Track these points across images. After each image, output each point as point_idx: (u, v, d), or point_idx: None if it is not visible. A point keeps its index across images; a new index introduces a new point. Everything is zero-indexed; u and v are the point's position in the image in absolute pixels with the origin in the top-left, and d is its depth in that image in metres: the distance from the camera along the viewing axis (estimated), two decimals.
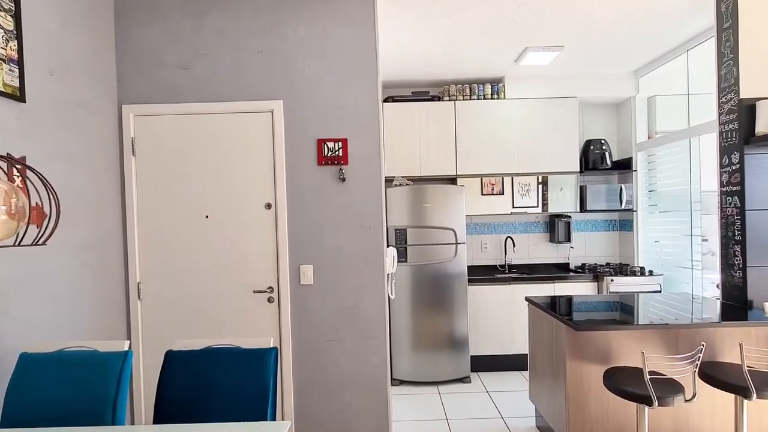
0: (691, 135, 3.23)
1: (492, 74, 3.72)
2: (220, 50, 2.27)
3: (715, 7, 2.52)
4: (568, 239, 3.92)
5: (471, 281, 3.51)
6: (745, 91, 2.35)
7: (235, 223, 2.26)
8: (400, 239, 3.34)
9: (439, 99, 3.79)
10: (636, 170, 3.82)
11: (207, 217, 2.26)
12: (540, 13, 2.70)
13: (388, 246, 3.10)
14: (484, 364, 3.58)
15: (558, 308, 2.37)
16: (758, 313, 2.18)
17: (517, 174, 3.74)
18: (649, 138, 3.78)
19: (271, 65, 2.27)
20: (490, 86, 3.76)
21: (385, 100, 3.78)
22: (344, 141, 2.23)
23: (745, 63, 2.35)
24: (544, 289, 3.53)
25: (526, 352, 2.85)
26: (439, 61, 3.34)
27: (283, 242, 2.24)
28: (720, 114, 2.50)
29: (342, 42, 2.27)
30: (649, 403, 1.75)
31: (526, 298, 2.64)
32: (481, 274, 3.72)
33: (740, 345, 1.85)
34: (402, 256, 3.32)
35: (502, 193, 3.82)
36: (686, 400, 1.82)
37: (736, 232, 2.38)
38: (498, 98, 3.75)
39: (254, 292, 2.26)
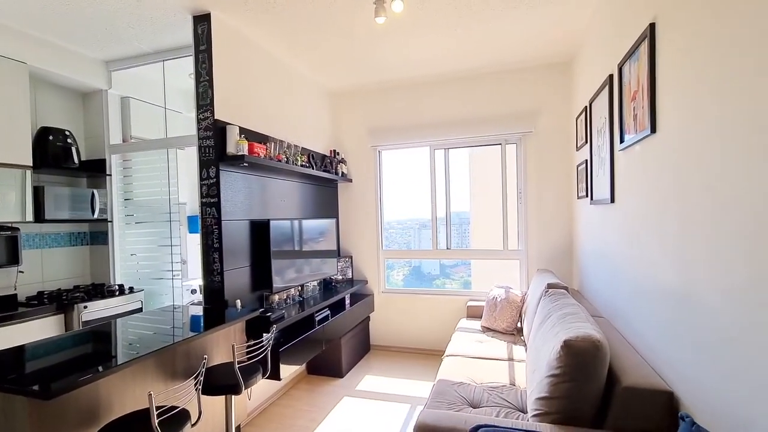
0: (169, 145, 3.25)
1: None
2: None
3: (193, 28, 2.66)
4: (16, 260, 2.78)
5: None
6: (219, 114, 2.63)
7: None
8: None
9: None
10: (110, 175, 3.35)
11: None
12: None
13: None
14: None
15: (2, 374, 1.50)
16: (233, 311, 2.48)
17: None
18: (124, 141, 3.45)
19: None
20: None
21: None
22: None
23: (218, 88, 2.64)
24: None
25: None
26: None
27: None
28: (199, 129, 2.65)
29: None
30: None
31: None
32: None
33: (233, 346, 1.98)
34: None
35: None
36: (193, 425, 1.69)
37: (215, 241, 2.60)
38: None
39: None
